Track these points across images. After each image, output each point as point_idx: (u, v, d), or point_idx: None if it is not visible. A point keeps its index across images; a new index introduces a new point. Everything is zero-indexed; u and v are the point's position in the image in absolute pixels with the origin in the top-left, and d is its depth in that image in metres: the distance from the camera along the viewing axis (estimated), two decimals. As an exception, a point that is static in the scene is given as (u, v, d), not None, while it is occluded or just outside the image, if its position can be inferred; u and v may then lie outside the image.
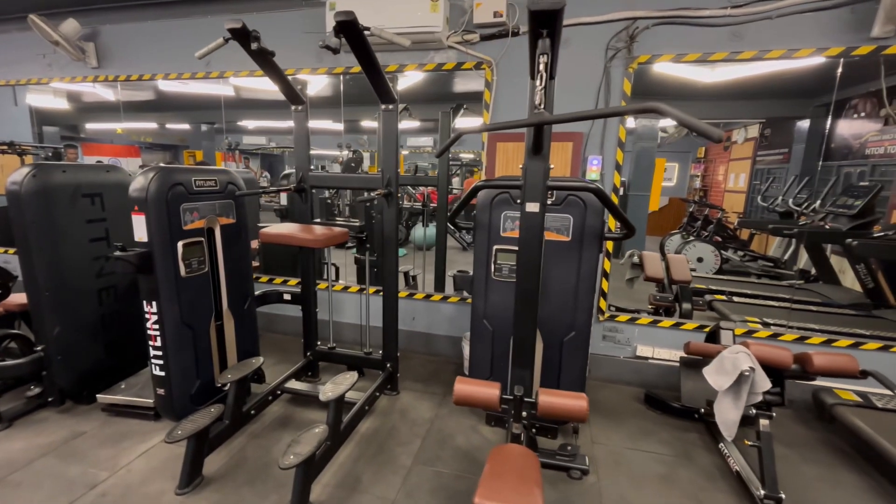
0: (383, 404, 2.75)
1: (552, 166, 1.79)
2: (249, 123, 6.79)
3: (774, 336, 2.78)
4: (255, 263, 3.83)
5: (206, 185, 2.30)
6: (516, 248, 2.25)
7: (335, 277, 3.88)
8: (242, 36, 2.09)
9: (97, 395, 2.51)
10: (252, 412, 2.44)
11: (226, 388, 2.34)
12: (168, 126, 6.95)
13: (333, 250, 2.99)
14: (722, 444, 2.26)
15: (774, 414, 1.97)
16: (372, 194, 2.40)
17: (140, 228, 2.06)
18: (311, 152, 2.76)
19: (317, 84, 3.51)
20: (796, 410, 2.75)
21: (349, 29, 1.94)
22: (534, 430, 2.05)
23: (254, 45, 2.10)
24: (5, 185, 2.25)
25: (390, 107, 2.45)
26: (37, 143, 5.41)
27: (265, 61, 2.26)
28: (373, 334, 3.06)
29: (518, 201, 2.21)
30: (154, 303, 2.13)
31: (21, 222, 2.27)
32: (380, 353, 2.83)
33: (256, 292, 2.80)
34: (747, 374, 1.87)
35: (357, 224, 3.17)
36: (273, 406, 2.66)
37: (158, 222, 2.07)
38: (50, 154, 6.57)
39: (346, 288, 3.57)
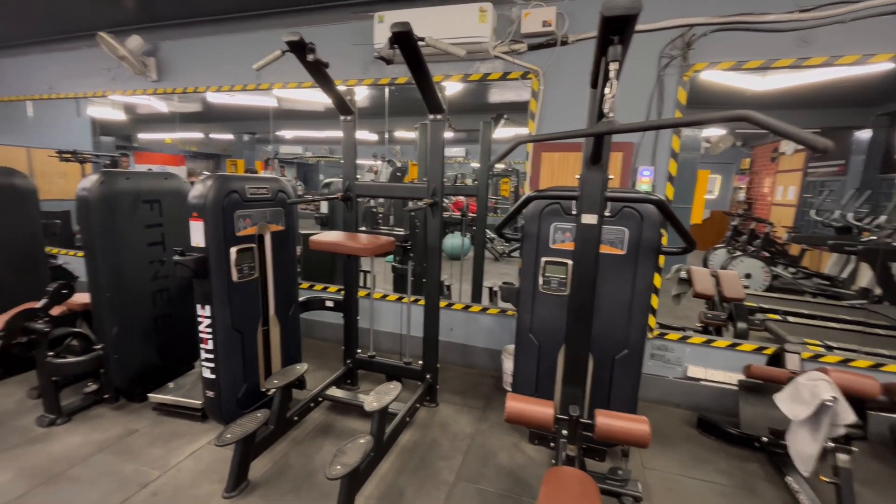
0: (422, 416, 2.71)
1: (611, 177, 1.73)
2: (287, 134, 7.03)
3: (845, 362, 2.57)
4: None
5: (258, 193, 2.36)
6: (567, 261, 2.19)
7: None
8: (299, 48, 2.14)
9: (148, 395, 2.59)
10: (295, 418, 2.45)
11: (270, 392, 2.37)
12: (212, 136, 7.27)
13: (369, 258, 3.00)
14: (790, 477, 2.09)
15: (856, 449, 1.80)
16: (419, 203, 2.40)
17: (197, 234, 2.12)
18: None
19: (356, 95, 3.58)
20: (872, 444, 2.53)
21: (404, 40, 1.95)
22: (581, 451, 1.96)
23: (310, 57, 2.15)
24: (76, 191, 2.38)
25: (438, 117, 2.45)
26: (96, 152, 5.74)
27: (319, 72, 2.31)
28: (412, 344, 3.04)
29: (572, 212, 2.15)
30: (207, 307, 2.18)
31: (88, 226, 2.39)
32: (419, 364, 2.80)
33: (300, 298, 2.83)
34: (829, 404, 1.72)
35: (401, 233, 3.17)
36: (314, 413, 2.67)
37: (215, 228, 2.13)
38: (108, 162, 6.99)
39: (384, 296, 3.58)
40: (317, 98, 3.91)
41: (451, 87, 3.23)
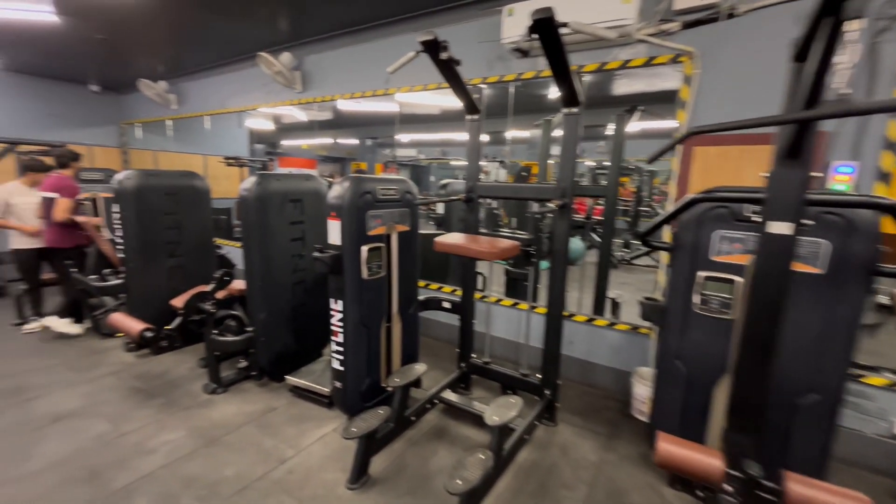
0: (540, 435, 2.52)
1: (820, 174, 1.34)
2: (403, 137, 7.41)
3: None
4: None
5: (388, 194, 2.41)
6: (734, 277, 1.81)
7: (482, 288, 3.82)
8: (433, 47, 2.12)
9: (286, 377, 2.85)
10: (412, 418, 2.47)
11: (389, 389, 2.41)
12: (340, 141, 7.96)
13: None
14: None
15: None
16: (549, 205, 2.21)
17: (335, 233, 2.23)
18: (455, 163, 2.71)
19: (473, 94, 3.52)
20: None
21: (545, 27, 1.79)
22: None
23: (443, 55, 2.11)
24: (238, 191, 2.71)
25: (574, 110, 2.23)
26: (251, 158, 6.66)
27: (449, 71, 2.27)
28: (527, 354, 2.86)
29: (749, 218, 1.76)
30: (340, 301, 2.29)
31: (247, 222, 2.70)
32: (537, 377, 2.61)
33: (419, 297, 2.86)
34: None
35: (524, 236, 3.03)
36: (429, 414, 2.66)
37: (350, 228, 2.22)
38: (260, 166, 8.08)
39: (498, 301, 3.45)
40: (433, 101, 3.97)
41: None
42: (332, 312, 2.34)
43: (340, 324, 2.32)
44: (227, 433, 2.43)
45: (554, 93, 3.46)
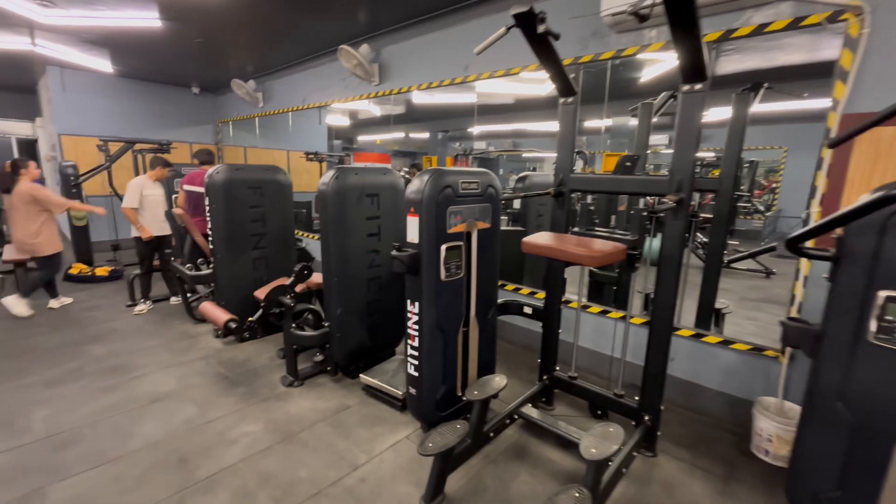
0: (637, 467, 2.18)
1: None
2: (474, 130, 7.27)
3: None
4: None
5: (469, 188, 2.21)
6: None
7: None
8: (528, 20, 1.85)
9: (360, 375, 2.78)
10: (490, 434, 2.26)
11: (465, 398, 2.22)
12: (412, 135, 7.93)
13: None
14: None
15: None
16: (664, 202, 1.86)
17: (413, 230, 2.08)
18: (526, 154, 2.40)
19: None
20: None
21: (675, -18, 1.45)
22: None
23: (540, 28, 1.84)
24: (318, 185, 2.67)
25: (698, 87, 1.84)
26: (330, 153, 6.85)
27: (546, 48, 1.98)
28: (616, 369, 2.51)
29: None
30: (416, 303, 2.14)
31: (325, 216, 2.66)
32: (634, 399, 2.27)
33: (498, 301, 2.63)
34: None
35: (627, 237, 2.67)
36: (508, 430, 2.44)
37: (429, 225, 2.05)
38: (337, 161, 8.33)
39: (584, 307, 3.11)
40: (510, 90, 3.70)
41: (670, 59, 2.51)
42: (407, 314, 2.19)
43: (416, 327, 2.16)
44: (302, 429, 2.41)
45: (649, 74, 3.03)
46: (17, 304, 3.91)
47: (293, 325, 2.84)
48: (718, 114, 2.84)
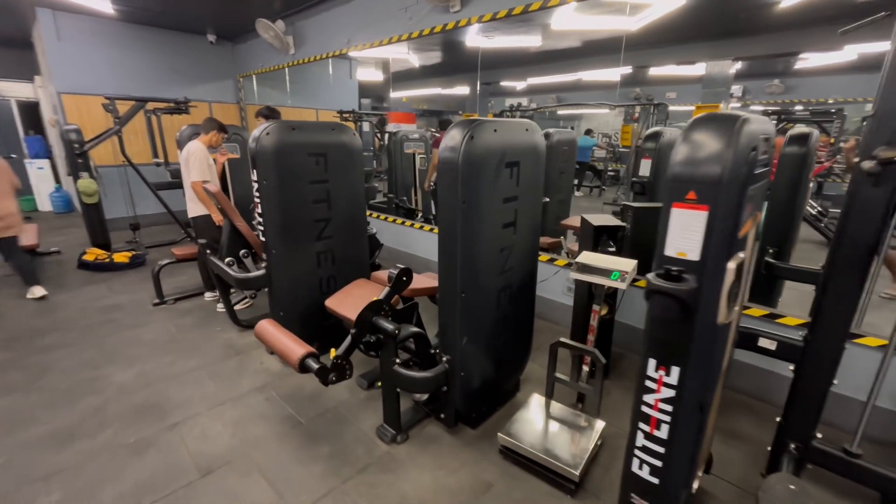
0: None
1: None
2: (518, 84, 6.28)
3: None
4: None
5: (764, 154, 1.19)
6: None
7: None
8: None
9: (499, 434, 1.90)
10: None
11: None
12: (449, 91, 6.79)
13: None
14: None
15: None
16: None
17: (691, 236, 1.09)
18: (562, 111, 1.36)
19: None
20: None
21: None
22: None
23: None
24: (439, 152, 1.68)
25: None
26: (367, 111, 5.81)
27: None
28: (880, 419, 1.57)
29: None
30: (676, 369, 1.19)
31: (447, 201, 1.69)
32: None
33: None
34: None
35: None
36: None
37: (723, 224, 1.06)
38: (375, 120, 7.21)
39: (852, 337, 2.12)
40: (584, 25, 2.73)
41: None
42: (649, 385, 1.25)
43: (668, 406, 1.23)
44: (438, 538, 1.56)
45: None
46: (36, 291, 3.67)
47: (397, 360, 1.94)
48: None
